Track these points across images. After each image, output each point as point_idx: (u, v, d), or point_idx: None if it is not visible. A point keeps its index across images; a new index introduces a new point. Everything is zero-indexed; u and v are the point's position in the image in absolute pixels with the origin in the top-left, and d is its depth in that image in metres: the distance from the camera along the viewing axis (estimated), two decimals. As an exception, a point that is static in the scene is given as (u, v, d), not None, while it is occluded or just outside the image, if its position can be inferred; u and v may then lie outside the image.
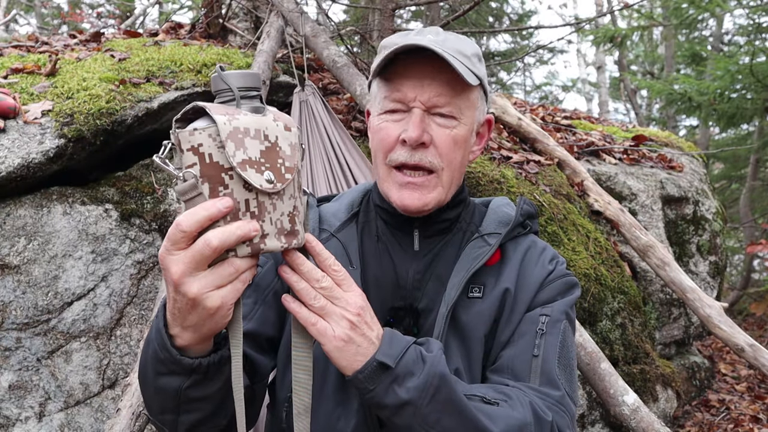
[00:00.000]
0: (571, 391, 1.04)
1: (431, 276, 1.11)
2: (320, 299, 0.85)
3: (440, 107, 1.03)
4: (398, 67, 1.03)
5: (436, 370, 0.87)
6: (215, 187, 0.74)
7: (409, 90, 1.03)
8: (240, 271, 0.77)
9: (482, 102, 1.12)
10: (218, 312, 0.77)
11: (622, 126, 5.51)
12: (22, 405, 1.96)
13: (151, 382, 0.91)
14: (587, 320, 2.94)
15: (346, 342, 0.85)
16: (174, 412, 0.92)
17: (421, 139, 1.02)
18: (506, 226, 1.13)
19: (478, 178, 2.88)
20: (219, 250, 0.73)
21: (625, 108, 17.12)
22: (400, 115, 1.05)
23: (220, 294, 0.76)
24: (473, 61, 1.05)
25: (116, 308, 2.14)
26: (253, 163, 0.75)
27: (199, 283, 0.75)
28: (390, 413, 0.88)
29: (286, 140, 0.79)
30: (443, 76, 1.01)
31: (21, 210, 2.07)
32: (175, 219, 0.74)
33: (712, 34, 9.28)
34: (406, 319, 1.08)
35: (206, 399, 0.90)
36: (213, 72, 0.80)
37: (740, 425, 3.71)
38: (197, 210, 0.73)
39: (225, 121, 0.74)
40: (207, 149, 0.74)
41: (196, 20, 4.01)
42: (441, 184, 1.06)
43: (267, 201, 0.77)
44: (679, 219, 4.17)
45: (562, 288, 1.10)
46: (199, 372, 0.86)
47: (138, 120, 2.37)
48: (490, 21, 11.29)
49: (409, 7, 5.36)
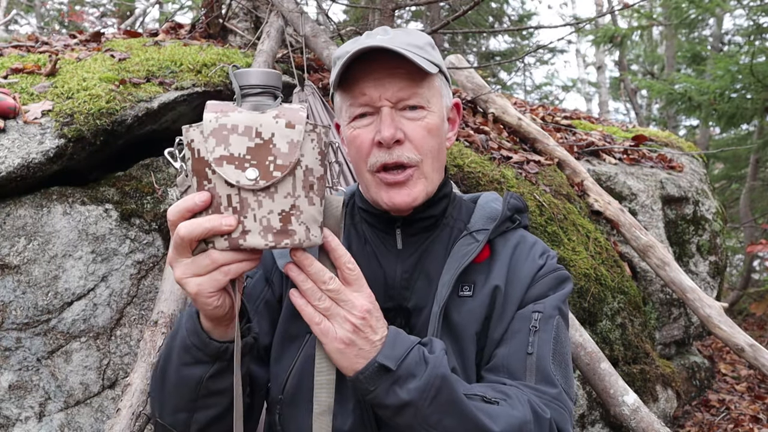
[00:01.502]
0: (568, 386, 1.04)
1: (419, 274, 1.10)
2: (325, 300, 0.85)
3: (406, 100, 1.03)
4: (356, 72, 1.03)
5: (437, 371, 0.87)
6: (201, 181, 0.78)
7: (372, 91, 1.03)
8: (217, 263, 0.79)
9: (446, 87, 1.13)
10: (197, 298, 0.81)
11: (622, 126, 5.51)
12: (22, 405, 1.96)
13: (173, 375, 0.93)
14: (587, 320, 2.94)
15: (347, 344, 0.85)
16: (189, 409, 0.93)
17: (396, 137, 1.02)
18: (494, 222, 1.12)
19: (478, 178, 2.88)
20: (187, 239, 0.77)
21: (625, 108, 17.13)
22: (369, 118, 1.05)
23: (197, 282, 0.80)
24: (427, 50, 1.06)
25: (116, 308, 2.14)
26: (233, 159, 0.76)
27: (181, 268, 0.80)
28: (391, 413, 0.88)
29: (284, 138, 0.78)
30: (402, 71, 1.02)
31: (21, 210, 2.07)
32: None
33: (712, 34, 9.28)
34: (397, 320, 1.08)
35: (224, 393, 0.92)
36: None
37: (740, 425, 3.71)
38: (180, 201, 0.78)
39: (211, 118, 0.77)
40: (197, 145, 0.77)
41: (196, 20, 4.01)
42: (424, 175, 1.07)
43: (251, 197, 0.77)
44: (679, 219, 4.17)
45: (554, 283, 1.10)
46: (224, 359, 0.89)
47: (138, 120, 2.37)
48: (490, 21, 11.29)
49: (409, 7, 5.37)
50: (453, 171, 2.82)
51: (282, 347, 1.10)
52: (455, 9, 5.77)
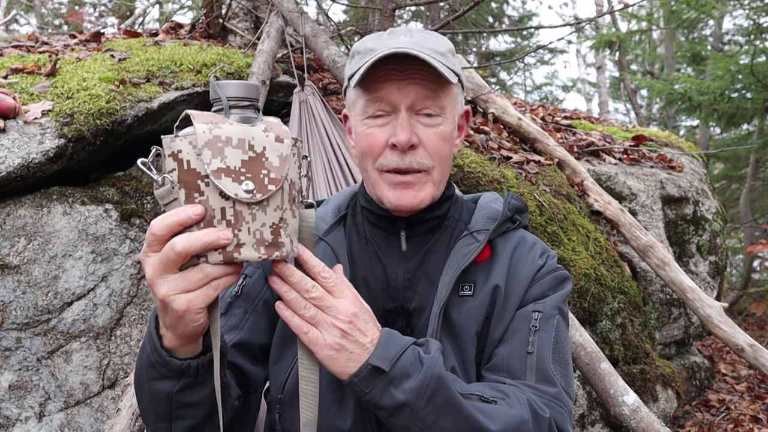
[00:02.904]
0: (567, 385, 1.04)
1: (422, 275, 1.10)
2: (310, 308, 0.85)
3: (425, 108, 1.04)
4: (379, 72, 1.03)
5: (433, 372, 0.87)
6: (191, 193, 0.75)
7: (393, 94, 1.03)
8: (209, 278, 0.77)
9: (461, 95, 1.13)
10: (185, 315, 0.78)
11: (622, 126, 5.51)
12: (22, 405, 1.96)
13: (145, 389, 0.92)
14: (587, 320, 2.94)
15: (337, 350, 0.85)
16: (166, 419, 0.92)
17: (411, 142, 1.02)
18: (494, 222, 1.13)
19: (478, 178, 2.88)
20: (183, 254, 0.74)
21: (625, 108, 17.12)
22: (385, 119, 1.05)
23: (187, 298, 0.77)
24: (449, 58, 1.06)
25: (116, 308, 2.14)
26: (230, 171, 0.75)
27: (168, 285, 0.76)
28: (387, 414, 0.88)
29: (275, 151, 0.79)
30: (424, 77, 1.02)
31: (21, 210, 2.07)
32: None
33: (712, 33, 9.28)
34: (399, 321, 1.08)
35: (197, 405, 0.91)
36: (211, 76, 0.81)
37: (740, 425, 3.71)
38: (169, 215, 0.75)
39: (205, 129, 0.75)
40: (186, 156, 0.75)
41: (196, 20, 4.01)
42: (432, 180, 1.07)
43: (245, 210, 0.77)
44: (679, 219, 4.17)
45: (554, 283, 1.10)
46: (188, 375, 0.87)
47: (138, 120, 2.37)
48: (490, 21, 11.29)
49: (409, 7, 5.37)
50: (453, 171, 2.82)
51: (281, 348, 1.10)
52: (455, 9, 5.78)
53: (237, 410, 1.04)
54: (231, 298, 1.13)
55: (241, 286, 1.14)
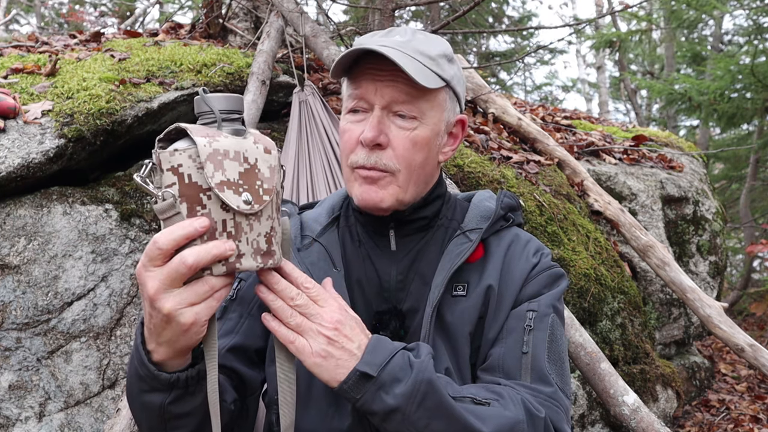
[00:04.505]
0: (563, 384, 1.03)
1: (414, 276, 1.10)
2: (296, 317, 0.86)
3: (399, 108, 1.03)
4: (361, 67, 1.03)
5: (423, 376, 0.87)
6: (193, 206, 0.76)
7: (370, 93, 1.02)
8: (214, 289, 0.78)
9: (452, 102, 1.10)
10: (191, 328, 0.78)
11: (622, 126, 5.51)
12: (22, 405, 1.96)
13: (136, 400, 0.92)
14: (587, 320, 2.94)
15: (324, 357, 0.85)
16: (160, 429, 0.93)
17: (377, 140, 1.02)
18: (488, 221, 1.12)
19: (478, 178, 2.88)
20: (194, 268, 0.75)
21: (625, 108, 17.12)
22: (362, 115, 1.05)
23: (194, 311, 0.77)
24: (439, 62, 1.04)
25: (116, 308, 2.14)
26: (231, 184, 0.77)
27: (174, 299, 0.76)
28: (380, 419, 0.88)
29: (265, 162, 0.81)
30: (404, 80, 1.00)
31: (21, 210, 2.07)
32: (153, 236, 0.75)
33: (712, 34, 9.28)
34: (392, 323, 1.07)
35: (190, 415, 0.91)
36: (199, 88, 0.81)
37: (740, 425, 3.71)
38: (174, 228, 0.75)
39: (205, 143, 0.76)
40: (186, 170, 0.76)
41: (196, 20, 4.01)
42: (397, 183, 1.05)
43: (244, 221, 0.78)
44: (679, 219, 4.17)
45: (548, 281, 1.09)
46: (179, 387, 0.87)
47: (138, 120, 2.37)
48: (490, 21, 11.29)
49: (409, 7, 5.37)
50: (453, 171, 2.83)
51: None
52: (455, 9, 5.78)
53: (233, 414, 1.04)
54: (226, 303, 1.13)
55: (236, 290, 1.14)
